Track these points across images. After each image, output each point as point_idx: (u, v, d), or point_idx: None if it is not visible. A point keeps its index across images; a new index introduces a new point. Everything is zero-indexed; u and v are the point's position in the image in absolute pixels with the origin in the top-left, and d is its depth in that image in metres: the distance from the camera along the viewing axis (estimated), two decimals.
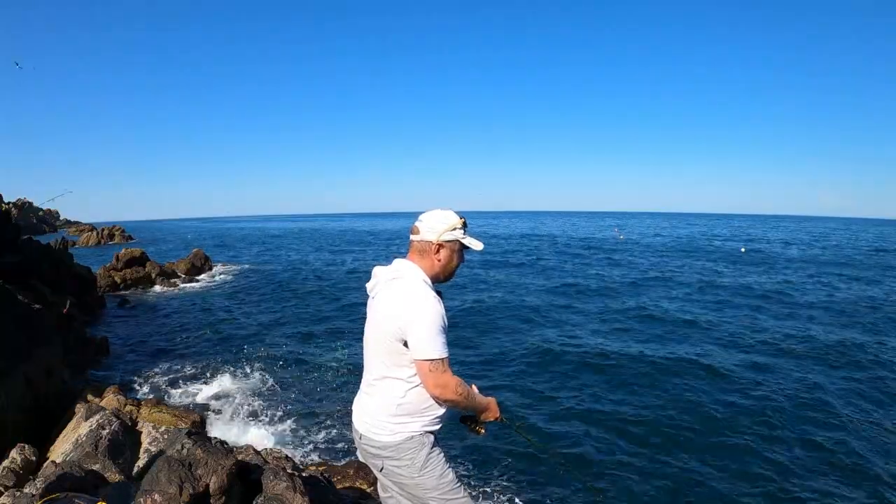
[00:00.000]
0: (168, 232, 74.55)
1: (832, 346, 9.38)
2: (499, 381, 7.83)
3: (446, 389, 1.81)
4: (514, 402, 6.92)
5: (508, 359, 8.95)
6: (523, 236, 46.35)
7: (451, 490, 1.92)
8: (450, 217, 1.96)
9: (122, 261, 19.24)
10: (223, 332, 11.52)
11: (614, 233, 52.17)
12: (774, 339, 9.91)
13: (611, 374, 8.03)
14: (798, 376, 7.82)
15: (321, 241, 46.29)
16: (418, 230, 1.95)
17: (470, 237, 1.99)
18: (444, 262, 1.95)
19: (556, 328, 11.13)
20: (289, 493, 2.81)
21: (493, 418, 2.04)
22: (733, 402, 6.88)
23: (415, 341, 1.77)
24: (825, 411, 6.58)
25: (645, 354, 9.01)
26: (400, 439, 1.87)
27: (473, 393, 1.94)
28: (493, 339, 10.21)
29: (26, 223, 60.52)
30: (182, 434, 3.33)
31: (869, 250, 32.05)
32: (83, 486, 2.78)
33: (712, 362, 8.54)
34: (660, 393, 7.24)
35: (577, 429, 6.21)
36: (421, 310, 1.78)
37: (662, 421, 6.39)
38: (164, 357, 9.43)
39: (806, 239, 44.50)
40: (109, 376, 8.12)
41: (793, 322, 11.60)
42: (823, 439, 5.85)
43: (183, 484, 2.58)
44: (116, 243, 44.77)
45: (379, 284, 1.96)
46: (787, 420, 6.34)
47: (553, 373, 8.17)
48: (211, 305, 14.87)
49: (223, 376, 8.34)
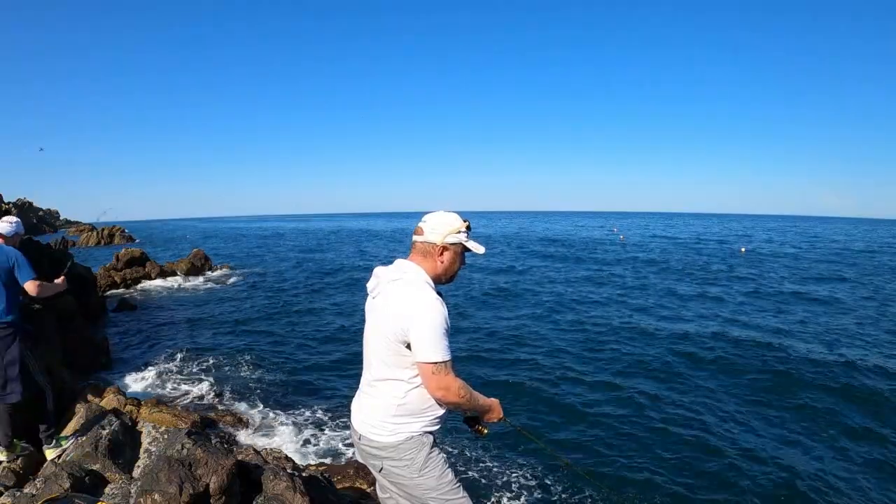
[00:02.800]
0: (168, 232, 74.55)
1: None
2: (500, 380, 7.83)
3: (449, 392, 1.81)
4: (515, 403, 6.91)
5: (511, 359, 8.95)
6: (506, 236, 46.32)
7: (451, 490, 1.93)
8: (454, 219, 1.96)
9: (122, 261, 19.24)
10: (223, 332, 11.52)
11: (614, 232, 52.17)
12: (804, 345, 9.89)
13: (615, 375, 8.02)
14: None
15: (321, 240, 46.29)
16: (422, 231, 1.95)
17: (473, 241, 2.00)
18: (446, 264, 1.96)
19: (558, 329, 11.13)
20: (289, 493, 2.81)
21: (497, 419, 2.05)
22: (750, 409, 6.74)
23: (417, 344, 1.77)
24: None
25: (646, 354, 9.02)
26: (400, 439, 1.87)
27: (476, 394, 1.94)
28: (494, 339, 10.21)
29: (26, 223, 60.44)
30: (182, 434, 3.33)
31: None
32: (83, 486, 2.78)
33: (724, 360, 8.55)
34: (669, 393, 7.23)
35: (579, 429, 6.20)
36: (424, 312, 1.78)
37: (668, 419, 6.39)
38: (164, 357, 9.42)
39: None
40: (109, 376, 8.12)
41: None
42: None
43: (183, 484, 2.58)
44: (116, 243, 44.77)
45: (381, 284, 1.96)
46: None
47: (554, 373, 8.15)
48: (211, 305, 14.86)
49: (223, 376, 8.33)
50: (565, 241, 39.26)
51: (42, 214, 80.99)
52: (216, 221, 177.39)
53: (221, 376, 8.33)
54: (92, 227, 54.89)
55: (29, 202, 74.92)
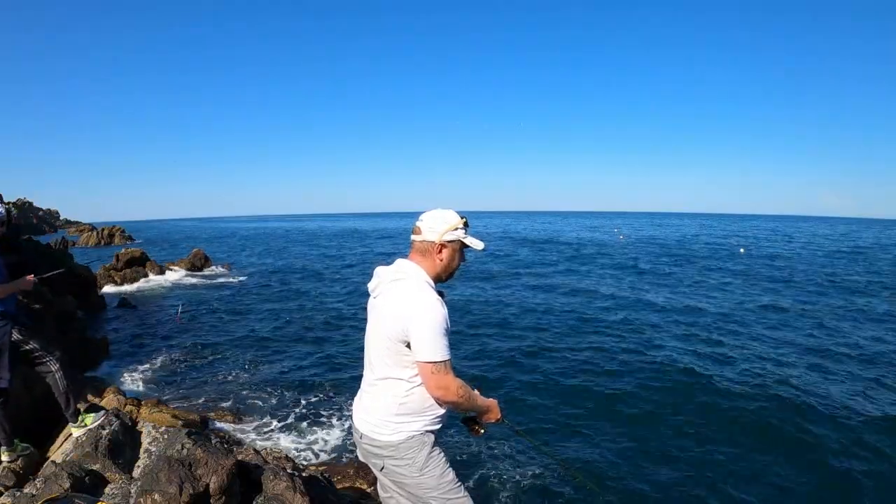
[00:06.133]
0: (168, 232, 74.56)
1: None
2: (500, 381, 7.82)
3: (448, 391, 1.82)
4: (515, 404, 6.90)
5: (510, 359, 8.94)
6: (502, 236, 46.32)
7: (452, 490, 1.93)
8: (451, 217, 1.96)
9: (122, 261, 19.26)
10: (223, 332, 11.51)
11: (615, 232, 52.19)
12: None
13: (614, 375, 8.01)
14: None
15: (321, 240, 46.30)
16: (420, 230, 1.96)
17: (471, 237, 2.00)
18: (445, 262, 1.96)
19: (559, 329, 11.12)
20: (289, 493, 2.80)
21: (494, 419, 2.05)
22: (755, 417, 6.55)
23: (417, 343, 1.78)
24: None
25: (649, 353, 9.01)
26: (401, 438, 1.87)
27: (474, 394, 1.95)
28: (495, 340, 10.20)
29: (26, 223, 60.52)
30: (182, 434, 3.32)
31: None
32: (83, 486, 2.78)
33: (719, 366, 8.54)
34: (665, 394, 7.21)
35: (578, 429, 6.20)
36: (424, 312, 1.78)
37: (667, 421, 6.39)
38: (163, 357, 9.42)
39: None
40: (109, 376, 8.11)
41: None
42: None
43: (183, 484, 2.58)
44: (116, 243, 44.78)
45: (381, 284, 1.97)
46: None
47: (554, 374, 8.15)
48: (211, 305, 14.86)
49: (223, 376, 8.34)
50: (572, 242, 39.24)
51: (42, 214, 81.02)
52: (216, 221, 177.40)
53: (221, 376, 8.33)
54: (92, 227, 54.89)
55: (29, 202, 74.93)
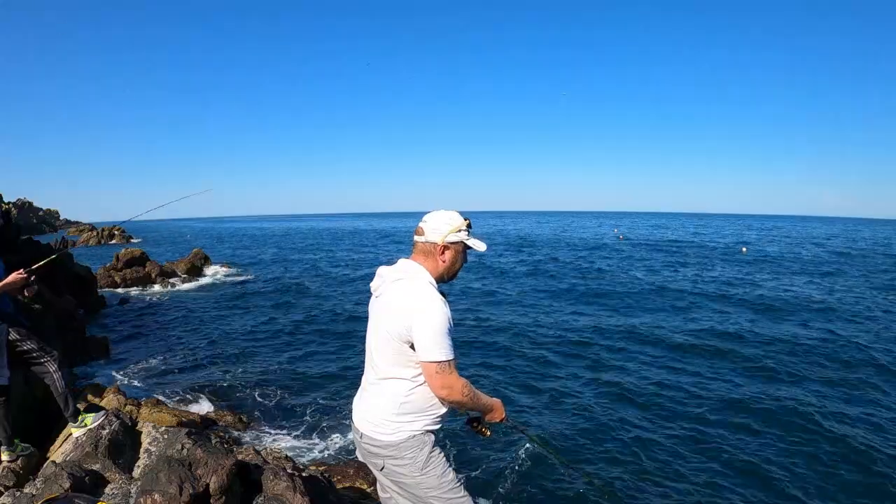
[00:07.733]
0: (168, 232, 74.55)
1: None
2: (503, 381, 7.82)
3: (453, 391, 1.82)
4: (518, 404, 6.90)
5: (514, 360, 8.94)
6: (495, 233, 46.33)
7: (452, 489, 1.93)
8: (454, 218, 1.96)
9: (122, 261, 19.25)
10: (223, 332, 11.51)
11: (614, 232, 52.20)
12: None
13: (617, 376, 8.00)
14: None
15: (320, 240, 46.31)
16: (423, 231, 1.96)
17: (474, 238, 2.00)
18: (448, 263, 1.96)
19: (560, 330, 11.12)
20: (289, 493, 2.80)
21: (499, 420, 2.05)
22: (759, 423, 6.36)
23: (421, 343, 1.77)
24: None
25: (651, 352, 9.02)
26: (401, 438, 1.87)
27: (479, 394, 1.94)
28: (496, 340, 10.20)
29: (26, 223, 60.52)
30: (182, 434, 3.32)
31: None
32: (83, 486, 2.78)
33: (724, 363, 8.54)
34: (675, 394, 7.21)
35: (582, 430, 6.18)
36: (428, 312, 1.78)
37: (675, 420, 6.38)
38: (164, 357, 9.42)
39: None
40: (109, 376, 8.11)
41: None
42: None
43: (183, 484, 2.58)
44: (116, 243, 44.78)
45: (384, 284, 1.97)
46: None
47: (558, 374, 8.16)
48: (211, 305, 14.86)
49: (223, 376, 8.33)
50: (572, 242, 39.24)
51: (42, 214, 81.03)
52: (216, 221, 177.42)
53: (221, 376, 8.33)
54: (92, 226, 54.89)
55: (29, 202, 74.94)
